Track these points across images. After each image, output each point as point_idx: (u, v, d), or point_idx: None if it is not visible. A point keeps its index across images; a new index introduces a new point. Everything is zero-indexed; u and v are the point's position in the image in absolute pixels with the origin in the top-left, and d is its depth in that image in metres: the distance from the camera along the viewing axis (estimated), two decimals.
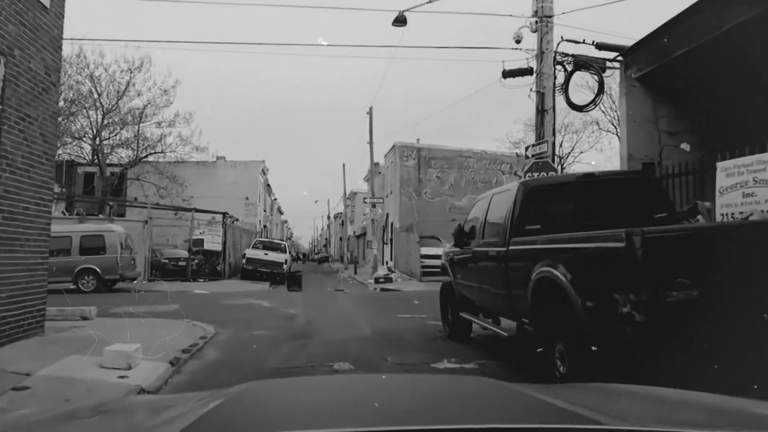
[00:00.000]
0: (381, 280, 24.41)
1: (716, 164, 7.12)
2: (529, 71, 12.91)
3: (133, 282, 20.69)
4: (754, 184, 6.58)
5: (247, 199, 40.29)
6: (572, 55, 12.97)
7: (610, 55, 12.60)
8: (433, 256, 23.23)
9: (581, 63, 12.87)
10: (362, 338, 9.24)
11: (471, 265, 7.89)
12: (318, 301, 17.46)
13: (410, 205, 33.15)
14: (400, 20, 15.10)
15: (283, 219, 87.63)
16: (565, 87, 13.09)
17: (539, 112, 12.58)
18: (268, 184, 51.30)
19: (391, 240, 35.45)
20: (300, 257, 70.37)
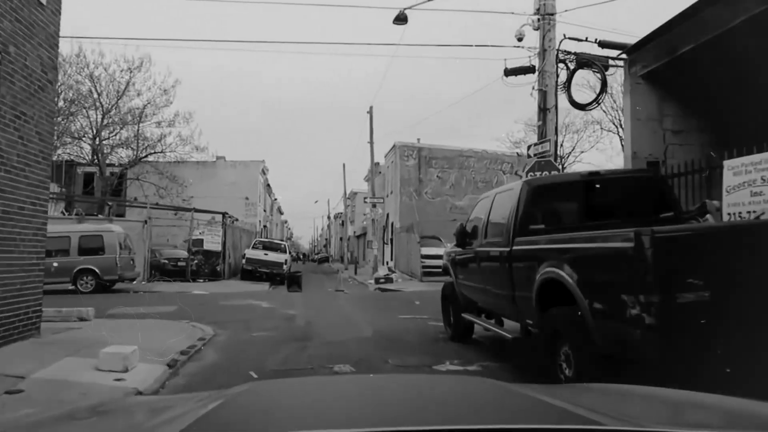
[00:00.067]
0: (381, 280, 24.28)
1: (723, 162, 7.00)
2: (531, 69, 12.81)
3: (132, 282, 20.62)
4: (762, 183, 6.45)
5: (247, 199, 40.20)
6: (575, 53, 12.88)
7: (612, 53, 12.51)
8: (434, 257, 23.14)
9: (584, 61, 12.79)
10: (363, 340, 9.13)
11: (473, 265, 7.78)
12: (318, 301, 17.35)
13: (411, 205, 33.03)
14: (401, 18, 14.99)
15: (283, 219, 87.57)
16: (568, 85, 13.00)
17: (541, 110, 12.48)
18: (268, 184, 51.22)
19: (391, 240, 35.34)
20: (300, 257, 70.29)
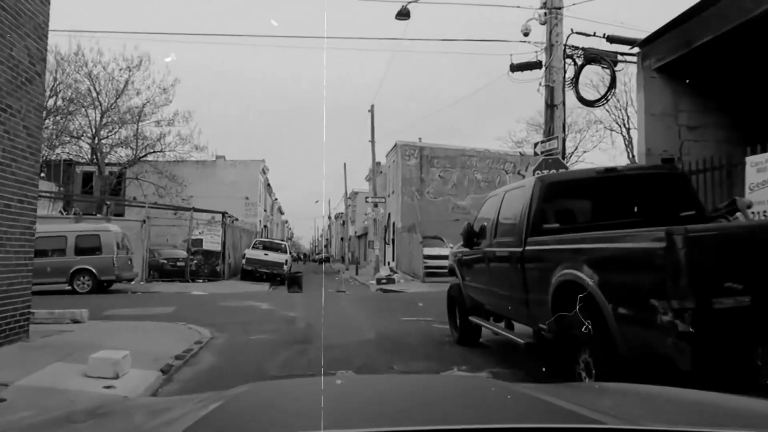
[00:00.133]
0: (383, 281, 23.95)
1: (745, 159, 6.67)
2: (537, 65, 12.49)
3: (130, 283, 20.30)
4: None
5: (247, 198, 39.93)
6: (582, 49, 12.57)
7: (620, 48, 12.18)
8: (437, 257, 22.84)
9: (592, 56, 12.49)
10: (365, 343, 8.79)
11: (482, 266, 7.45)
12: (319, 303, 17.03)
13: (412, 205, 32.71)
14: (404, 14, 14.70)
15: (284, 219, 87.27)
16: (576, 81, 12.71)
17: (548, 107, 12.17)
18: (268, 183, 50.96)
19: (393, 240, 35.03)
20: (301, 258, 70.06)
